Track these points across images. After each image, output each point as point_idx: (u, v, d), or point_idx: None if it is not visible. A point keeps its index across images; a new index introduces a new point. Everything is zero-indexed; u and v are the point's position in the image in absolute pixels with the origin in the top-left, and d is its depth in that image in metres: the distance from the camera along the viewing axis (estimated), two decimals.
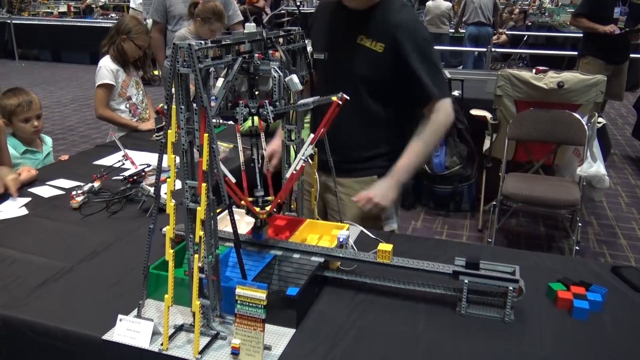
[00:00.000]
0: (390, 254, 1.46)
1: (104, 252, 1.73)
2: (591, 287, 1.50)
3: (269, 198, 1.52)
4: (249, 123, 1.47)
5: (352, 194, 1.93)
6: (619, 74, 5.18)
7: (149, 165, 2.26)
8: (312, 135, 1.48)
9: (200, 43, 1.20)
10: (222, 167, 1.28)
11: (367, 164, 2.03)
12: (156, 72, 6.13)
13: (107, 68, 3.18)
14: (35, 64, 11.53)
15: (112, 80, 3.19)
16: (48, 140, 2.85)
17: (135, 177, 2.15)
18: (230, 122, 1.40)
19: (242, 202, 1.45)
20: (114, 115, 3.26)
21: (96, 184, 2.18)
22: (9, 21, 11.30)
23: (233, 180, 1.37)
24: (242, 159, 1.52)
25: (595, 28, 4.99)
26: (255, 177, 1.51)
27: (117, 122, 3.27)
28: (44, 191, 2.22)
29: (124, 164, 2.49)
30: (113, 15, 12.44)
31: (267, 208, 1.49)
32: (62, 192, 2.21)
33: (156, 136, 2.95)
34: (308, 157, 1.48)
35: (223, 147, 2.59)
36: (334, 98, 1.42)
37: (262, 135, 1.55)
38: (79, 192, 2.10)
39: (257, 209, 1.48)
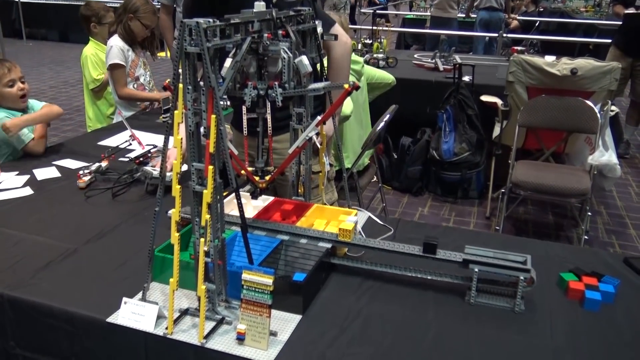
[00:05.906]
0: (351, 233, 1.44)
1: (109, 234, 1.72)
2: (603, 278, 1.47)
3: (269, 168, 1.59)
4: None
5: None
6: None
7: (155, 147, 2.24)
8: (318, 117, 1.46)
9: (209, 21, 1.16)
10: (228, 142, 1.26)
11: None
12: (162, 54, 6.08)
13: (117, 47, 3.14)
14: (43, 43, 11.51)
15: (123, 60, 3.15)
16: (37, 105, 2.56)
17: (141, 159, 2.14)
18: None
19: (243, 172, 1.48)
20: (135, 91, 3.23)
21: (103, 164, 2.17)
22: (16, 0, 11.25)
23: (236, 152, 1.37)
24: (245, 123, 1.55)
25: (619, 13, 4.98)
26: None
27: (140, 97, 3.26)
28: (49, 171, 2.21)
29: (130, 144, 2.47)
30: None
31: (267, 178, 1.56)
32: (68, 173, 2.19)
33: (163, 117, 2.92)
34: (315, 138, 1.51)
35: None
36: (346, 85, 1.39)
37: (268, 104, 1.53)
38: (86, 171, 2.09)
39: (257, 178, 1.55)
